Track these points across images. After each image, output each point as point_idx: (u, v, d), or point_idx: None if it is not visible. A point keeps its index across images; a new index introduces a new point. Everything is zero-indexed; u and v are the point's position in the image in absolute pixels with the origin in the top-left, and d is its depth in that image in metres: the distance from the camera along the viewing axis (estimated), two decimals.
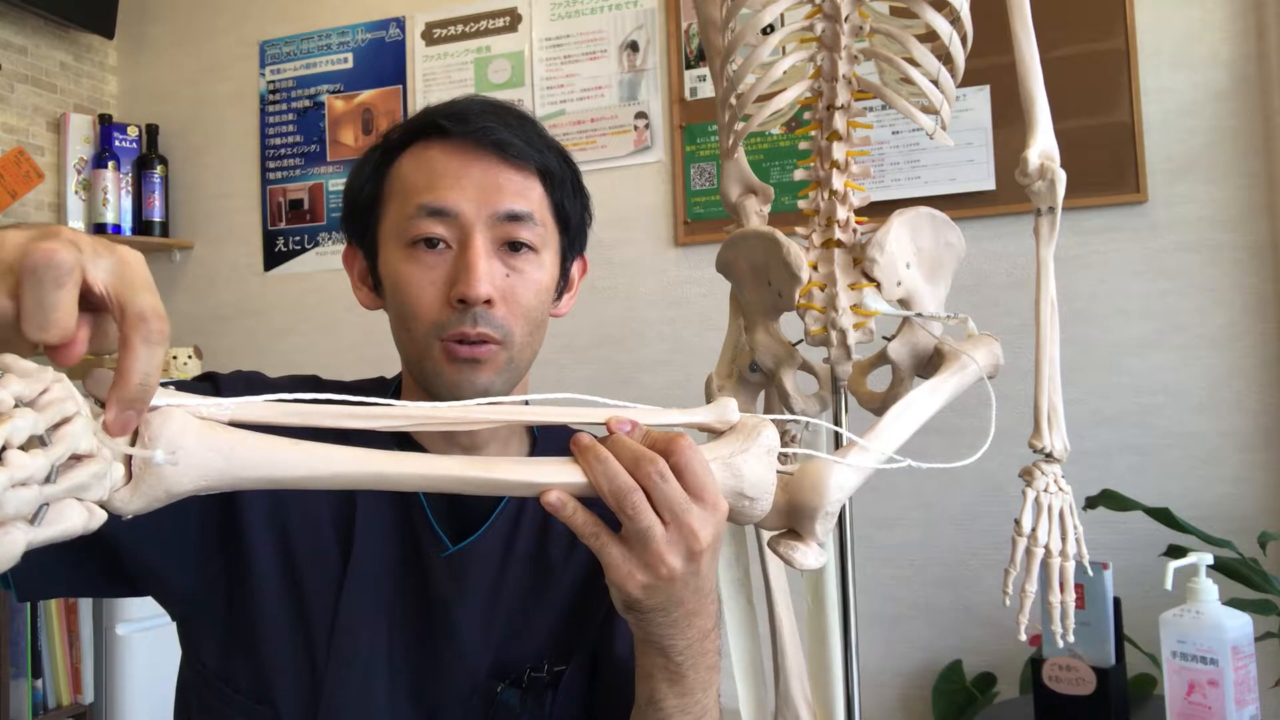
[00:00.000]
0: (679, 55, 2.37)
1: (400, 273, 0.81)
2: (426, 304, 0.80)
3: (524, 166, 0.82)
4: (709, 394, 1.00)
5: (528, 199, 0.82)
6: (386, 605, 0.81)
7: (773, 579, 0.97)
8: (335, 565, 0.80)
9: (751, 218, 1.08)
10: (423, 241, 0.80)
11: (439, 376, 0.81)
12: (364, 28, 2.67)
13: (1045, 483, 0.90)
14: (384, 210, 0.84)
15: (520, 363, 0.83)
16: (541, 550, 0.87)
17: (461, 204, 0.80)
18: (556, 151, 0.87)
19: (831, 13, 0.90)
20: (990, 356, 0.91)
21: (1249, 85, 1.97)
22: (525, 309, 0.82)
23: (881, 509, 2.09)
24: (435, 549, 0.83)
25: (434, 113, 0.83)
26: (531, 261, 0.83)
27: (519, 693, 0.84)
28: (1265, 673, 1.46)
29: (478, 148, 0.81)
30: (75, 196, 2.70)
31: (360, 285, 0.89)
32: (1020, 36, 0.95)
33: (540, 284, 0.84)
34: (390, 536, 0.82)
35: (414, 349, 0.82)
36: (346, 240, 0.90)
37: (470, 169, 0.81)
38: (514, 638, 0.85)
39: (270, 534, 0.79)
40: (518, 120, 0.84)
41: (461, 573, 0.83)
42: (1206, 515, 1.88)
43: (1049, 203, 0.93)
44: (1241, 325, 1.96)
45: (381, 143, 0.87)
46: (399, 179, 0.83)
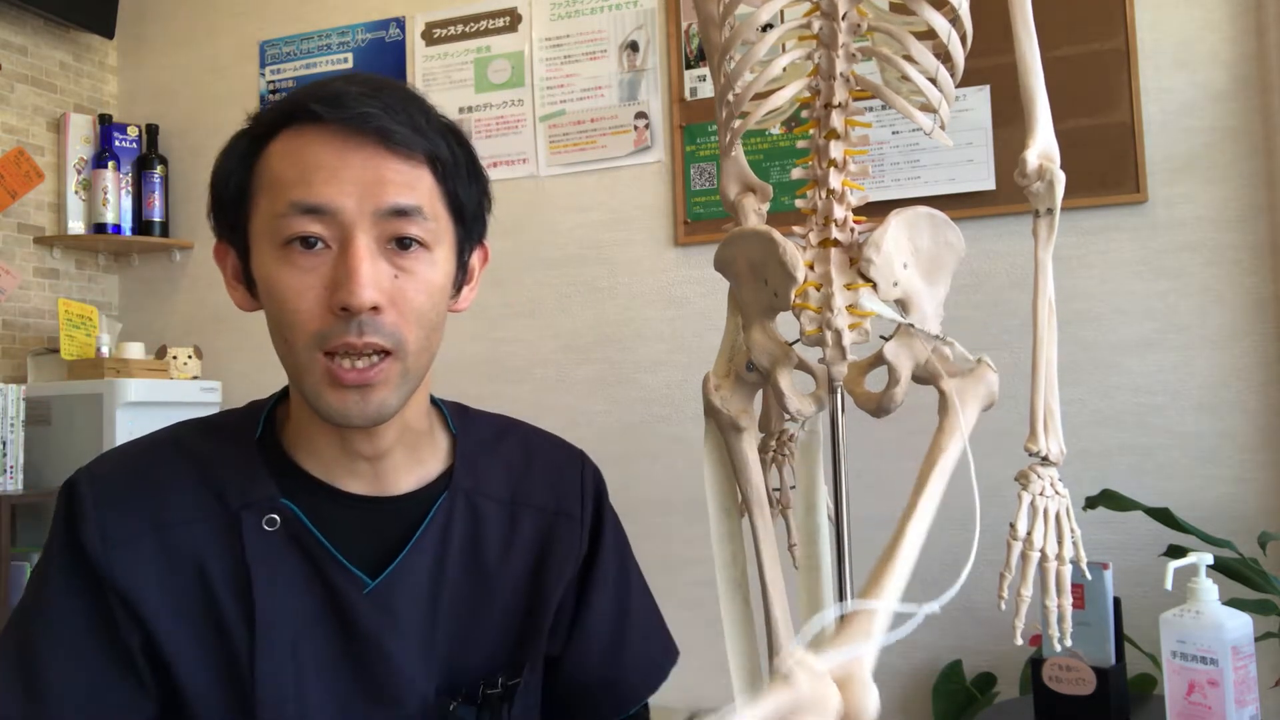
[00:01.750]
0: (679, 55, 2.37)
1: (274, 277, 0.73)
2: (305, 312, 0.71)
3: (411, 155, 0.73)
4: (706, 393, 1.00)
5: (416, 191, 0.73)
6: (311, 659, 0.76)
7: (769, 579, 0.97)
8: (243, 635, 0.74)
9: (750, 216, 1.08)
10: (298, 241, 0.71)
11: (321, 400, 0.73)
12: (364, 28, 2.67)
13: (1041, 486, 0.89)
14: (253, 205, 0.75)
15: (416, 371, 0.76)
16: (476, 560, 0.83)
17: (340, 200, 0.71)
18: (448, 133, 0.77)
19: (829, 10, 0.89)
20: (986, 394, 0.89)
21: (1249, 85, 1.97)
22: (418, 312, 0.74)
23: (881, 509, 2.08)
24: (354, 588, 0.77)
25: (306, 95, 0.74)
26: (422, 259, 0.74)
27: (474, 709, 0.81)
28: (1265, 673, 1.45)
29: (357, 135, 0.72)
30: (75, 196, 2.71)
31: (235, 285, 0.80)
32: (1021, 36, 0.95)
33: (433, 283, 0.75)
34: (297, 592, 0.76)
35: (294, 363, 0.74)
36: (215, 235, 0.81)
37: (349, 160, 0.72)
38: (460, 653, 0.81)
39: (178, 626, 0.74)
40: (402, 102, 0.74)
41: (389, 604, 0.78)
42: (1206, 515, 1.87)
43: (1047, 204, 0.93)
44: (1241, 325, 1.95)
45: (249, 128, 0.77)
46: (268, 171, 0.74)
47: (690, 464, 2.33)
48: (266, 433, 0.82)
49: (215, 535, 0.76)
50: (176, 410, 2.51)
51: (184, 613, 0.74)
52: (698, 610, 2.27)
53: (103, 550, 0.74)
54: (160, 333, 2.82)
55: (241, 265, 0.79)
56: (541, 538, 0.87)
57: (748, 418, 0.99)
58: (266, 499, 0.77)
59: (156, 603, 0.74)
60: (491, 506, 0.85)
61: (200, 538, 0.76)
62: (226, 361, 2.73)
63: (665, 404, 2.34)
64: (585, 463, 0.94)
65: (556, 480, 0.90)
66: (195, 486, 0.77)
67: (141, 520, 0.75)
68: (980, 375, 0.89)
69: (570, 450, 0.94)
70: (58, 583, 0.75)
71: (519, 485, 0.87)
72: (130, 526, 0.75)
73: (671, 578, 2.30)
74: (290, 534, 0.77)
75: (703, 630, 2.26)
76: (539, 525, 0.87)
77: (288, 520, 0.77)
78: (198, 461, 0.78)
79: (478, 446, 0.87)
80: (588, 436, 2.37)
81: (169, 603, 0.74)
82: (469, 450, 0.86)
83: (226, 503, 0.77)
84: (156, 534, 0.75)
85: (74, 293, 2.75)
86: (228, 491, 0.77)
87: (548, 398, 2.43)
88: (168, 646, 0.74)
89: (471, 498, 0.84)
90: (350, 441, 0.78)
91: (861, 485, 2.18)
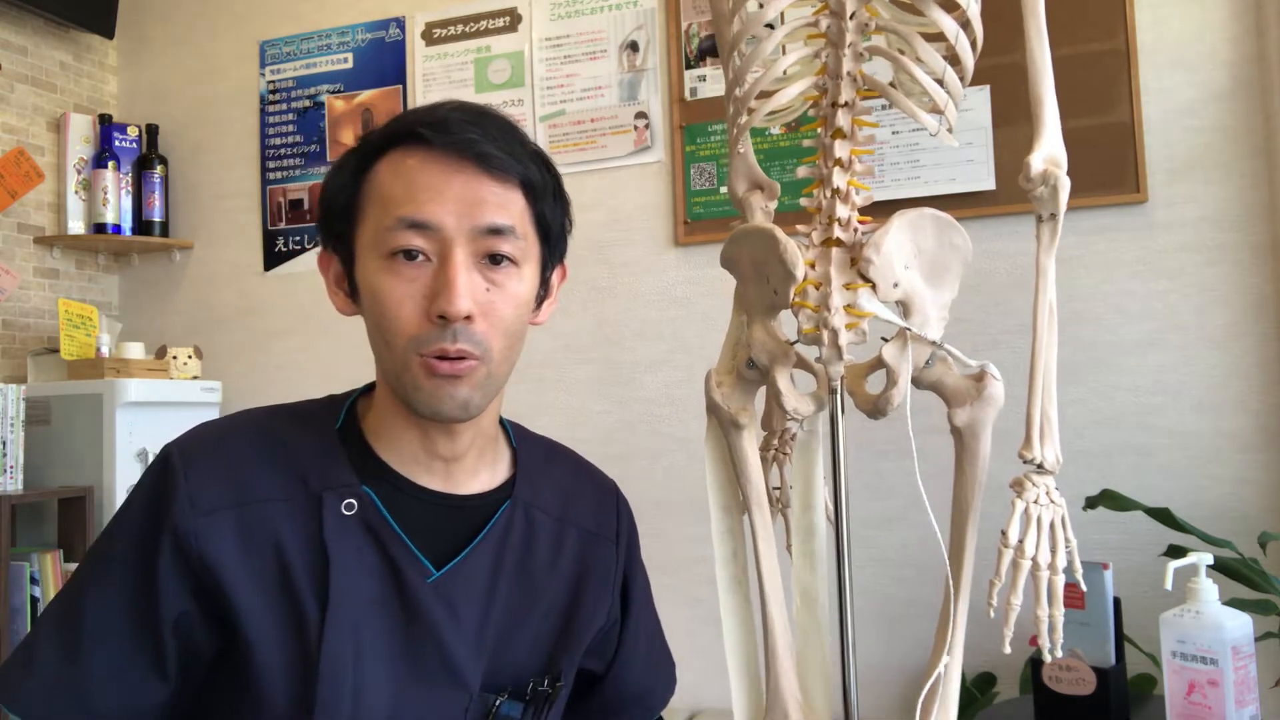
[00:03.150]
0: (679, 55, 2.37)
1: (378, 285, 0.79)
2: (405, 318, 0.78)
3: (506, 179, 0.81)
4: (708, 389, 1.00)
5: (509, 212, 0.81)
6: (372, 639, 0.80)
7: (766, 578, 0.97)
8: (314, 610, 0.79)
9: (756, 214, 1.08)
10: (401, 254, 0.78)
11: (418, 391, 0.79)
12: (364, 28, 2.67)
13: (1036, 494, 0.88)
14: (361, 218, 0.82)
15: (498, 377, 0.83)
16: (526, 564, 0.88)
17: (442, 217, 0.78)
18: (539, 160, 0.85)
19: (837, 9, 0.89)
20: (995, 411, 0.89)
21: (1249, 85, 1.97)
22: (505, 324, 0.81)
23: (881, 509, 2.09)
24: (419, 575, 0.82)
25: (414, 120, 0.81)
26: (512, 275, 0.82)
27: (522, 705, 0.85)
28: (1265, 673, 1.45)
29: (459, 159, 0.79)
30: (75, 196, 2.71)
31: (336, 290, 0.87)
32: (1033, 40, 0.94)
33: (520, 298, 0.83)
34: (367, 573, 0.81)
35: (392, 362, 0.80)
36: (321, 244, 0.88)
37: (451, 181, 0.79)
38: (503, 652, 0.85)
39: (253, 597, 0.78)
40: (500, 130, 0.82)
41: (448, 595, 0.83)
42: (1206, 515, 1.88)
43: (1050, 209, 0.92)
44: (1241, 325, 1.96)
45: (359, 147, 0.84)
46: (377, 188, 0.81)
47: (690, 464, 2.33)
48: (348, 423, 0.87)
49: (295, 514, 0.81)
50: (176, 410, 2.52)
51: (260, 585, 0.78)
52: (698, 609, 2.27)
53: (192, 516, 0.78)
54: (160, 333, 2.82)
55: (344, 273, 0.85)
56: (583, 557, 0.93)
57: (747, 415, 0.99)
58: (346, 484, 0.82)
59: (236, 573, 0.78)
60: (545, 520, 0.91)
61: (280, 516, 0.80)
62: (226, 361, 2.74)
63: (665, 404, 2.34)
64: (620, 497, 1.03)
65: (598, 507, 0.98)
66: (278, 467, 0.82)
67: (227, 494, 0.80)
68: (987, 397, 0.88)
69: (608, 482, 1.03)
70: (134, 558, 0.79)
71: (568, 505, 0.94)
72: (217, 499, 0.79)
73: (672, 578, 2.30)
74: (365, 519, 0.82)
75: (703, 630, 2.26)
76: (582, 545, 0.94)
77: (364, 505, 0.82)
78: (282, 444, 0.83)
79: (535, 463, 0.94)
80: (588, 436, 2.39)
81: (247, 575, 0.78)
82: (528, 465, 0.93)
83: (308, 485, 0.82)
84: (240, 509, 0.79)
85: (74, 293, 2.75)
86: (309, 474, 0.82)
87: (548, 398, 2.43)
88: (242, 615, 0.77)
89: (529, 510, 0.90)
90: (431, 441, 0.84)
91: (860, 484, 2.18)
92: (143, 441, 2.41)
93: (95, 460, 2.36)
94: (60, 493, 2.35)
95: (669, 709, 1.02)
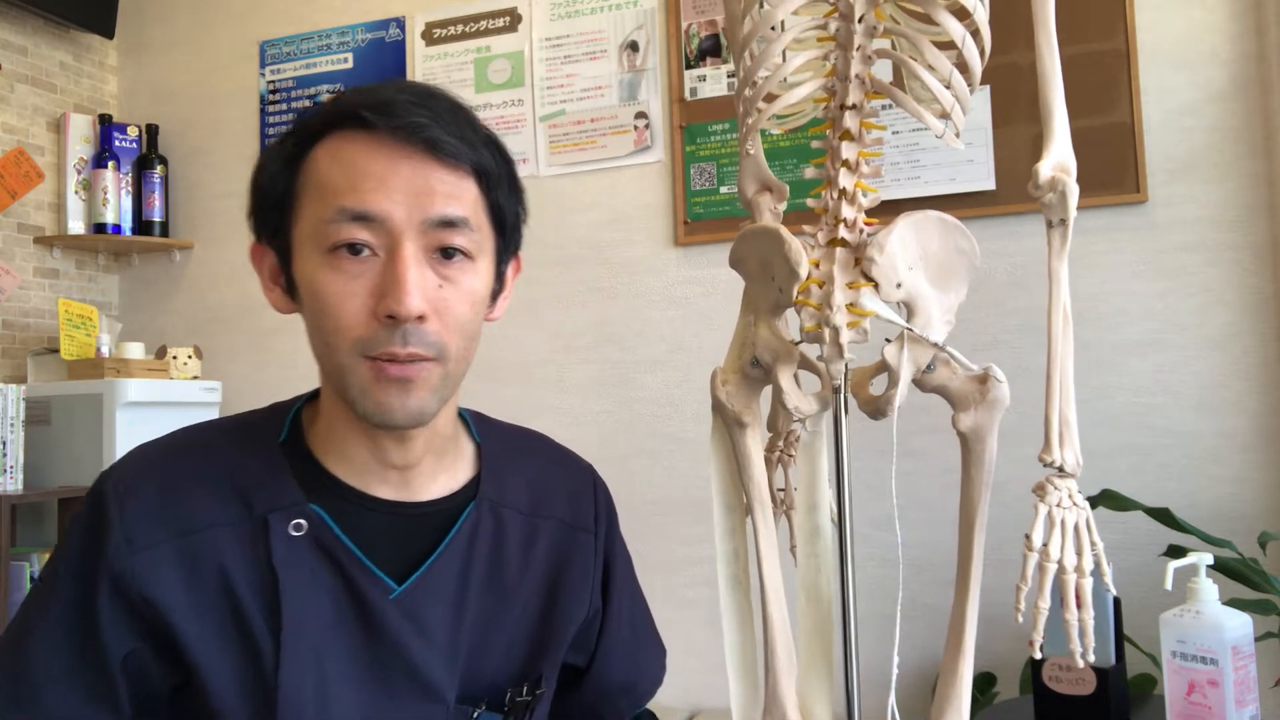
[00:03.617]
0: (679, 55, 2.37)
1: (319, 281, 0.73)
2: (349, 317, 0.72)
3: (458, 166, 0.74)
4: (713, 388, 1.00)
5: (462, 202, 0.74)
6: (336, 665, 0.76)
7: (768, 578, 0.97)
8: (268, 639, 0.74)
9: (765, 214, 1.08)
10: (344, 248, 0.72)
11: (365, 396, 0.73)
12: (364, 28, 2.67)
13: (1059, 497, 0.88)
14: (298, 208, 0.75)
15: (455, 377, 0.77)
16: (497, 568, 0.84)
17: (389, 208, 0.71)
18: (492, 146, 0.78)
19: (846, 12, 0.90)
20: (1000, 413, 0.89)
21: (1249, 85, 1.97)
22: (460, 322, 0.75)
23: (881, 509, 2.09)
24: (380, 592, 0.77)
25: (356, 101, 0.73)
26: (466, 270, 0.75)
27: (500, 716, 0.82)
28: (1265, 673, 1.46)
29: (407, 144, 0.72)
30: (75, 196, 2.71)
31: (272, 287, 0.80)
32: (1044, 51, 0.95)
33: (475, 294, 0.76)
34: (323, 596, 0.76)
35: (335, 366, 0.74)
36: (255, 236, 0.80)
37: (398, 169, 0.72)
38: (479, 661, 0.81)
39: (202, 630, 0.74)
40: (450, 113, 0.75)
41: (414, 610, 0.78)
42: (1206, 515, 1.88)
43: (1060, 215, 0.92)
44: (1241, 325, 1.96)
45: (294, 131, 0.77)
46: (315, 175, 0.74)
47: (690, 464, 2.33)
48: (292, 435, 0.82)
49: (240, 540, 0.76)
50: (176, 410, 2.52)
51: (209, 619, 0.74)
52: (698, 610, 2.27)
53: (128, 555, 0.73)
54: (160, 333, 2.82)
55: (281, 267, 0.78)
56: (559, 550, 0.88)
57: (751, 414, 0.99)
58: (293, 504, 0.77)
59: (182, 608, 0.74)
60: (514, 517, 0.86)
61: (224, 542, 0.75)
62: (226, 361, 2.74)
63: (665, 404, 2.34)
64: (596, 479, 0.96)
65: (573, 495, 0.92)
66: (219, 491, 0.77)
67: (166, 526, 0.75)
68: (992, 400, 0.88)
69: (583, 465, 0.97)
70: (74, 598, 0.75)
71: (538, 497, 0.89)
72: (155, 533, 0.74)
73: (672, 578, 2.30)
74: (316, 538, 0.77)
75: (703, 630, 2.27)
76: (557, 537, 0.89)
77: (314, 525, 0.77)
78: (222, 465, 0.78)
79: (501, 456, 0.88)
80: (588, 436, 2.39)
81: (194, 608, 0.74)
82: (493, 460, 0.87)
83: (252, 507, 0.77)
84: (181, 539, 0.75)
85: (74, 293, 2.75)
86: (253, 496, 0.77)
87: (548, 398, 2.43)
88: (192, 652, 0.73)
89: (496, 508, 0.85)
90: (382, 449, 0.79)
91: (860, 484, 2.18)
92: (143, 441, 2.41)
93: (95, 460, 2.36)
94: (60, 493, 2.35)
95: (668, 709, 1.01)
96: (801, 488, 1.06)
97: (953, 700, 0.85)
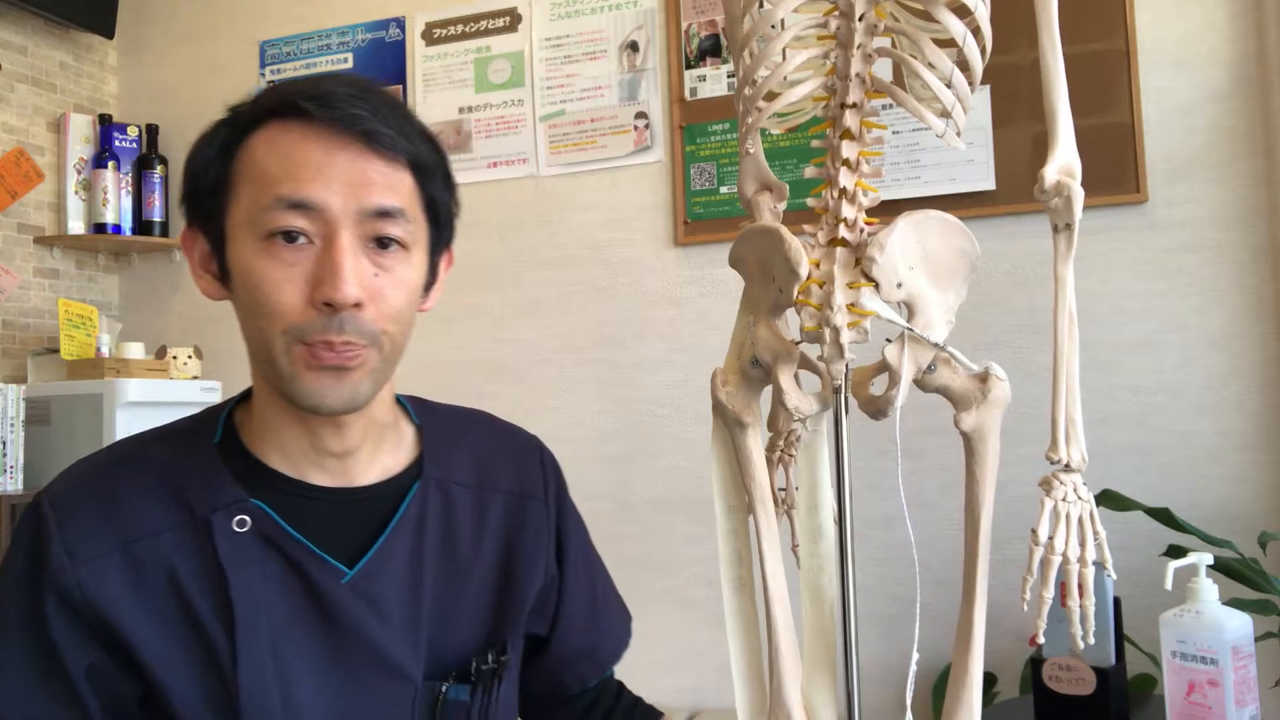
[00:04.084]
0: (679, 55, 2.37)
1: (254, 268, 0.73)
2: (285, 304, 0.72)
3: (394, 158, 0.75)
4: (714, 388, 1.00)
5: (398, 193, 0.75)
6: (295, 657, 0.76)
7: (770, 579, 0.97)
8: (223, 639, 0.74)
9: (765, 214, 1.08)
10: (281, 235, 0.72)
11: (296, 381, 0.74)
12: (364, 28, 2.67)
13: (1064, 492, 0.90)
14: (234, 196, 0.76)
15: (389, 364, 0.78)
16: (450, 542, 0.85)
17: (326, 197, 0.72)
18: (427, 139, 0.80)
19: (847, 10, 0.90)
20: (1002, 412, 0.90)
21: (1249, 85, 1.97)
22: (395, 310, 0.76)
23: (882, 509, 2.09)
24: (332, 578, 0.78)
25: (294, 92, 0.74)
26: (401, 259, 0.76)
27: (469, 687, 0.82)
28: (1265, 673, 1.45)
29: (344, 135, 0.73)
30: (75, 196, 2.71)
31: (202, 273, 0.81)
32: (1048, 54, 0.95)
33: (410, 283, 0.78)
34: (274, 589, 0.76)
35: (268, 351, 0.75)
36: (186, 222, 0.80)
37: (335, 159, 0.73)
38: (442, 636, 0.82)
39: (156, 637, 0.74)
40: (388, 106, 0.76)
41: (369, 592, 0.79)
42: (1206, 515, 1.88)
43: (1066, 219, 0.93)
44: (1241, 325, 1.96)
45: (230, 119, 0.78)
46: (252, 163, 0.75)
47: (690, 464, 2.33)
48: (227, 435, 0.83)
49: (185, 543, 0.76)
50: (177, 410, 2.50)
51: (162, 624, 0.74)
52: (698, 610, 2.27)
53: (72, 569, 0.73)
54: (160, 333, 2.82)
55: (212, 254, 0.79)
56: (510, 520, 0.90)
57: (752, 414, 0.99)
58: (234, 501, 0.78)
59: (132, 616, 0.74)
60: (462, 492, 0.88)
61: (169, 547, 0.76)
62: (226, 361, 2.73)
63: (665, 404, 2.34)
64: (543, 449, 0.98)
65: (519, 466, 0.94)
66: (158, 497, 0.77)
67: (108, 537, 0.75)
68: (993, 399, 0.89)
69: (528, 437, 0.99)
70: (24, 621, 0.74)
71: (485, 471, 0.91)
72: (98, 544, 0.74)
73: (672, 578, 2.30)
74: (261, 532, 0.77)
75: (703, 630, 2.27)
76: (507, 508, 0.90)
77: (258, 519, 0.77)
78: (158, 471, 0.79)
79: (443, 436, 0.90)
80: (588, 436, 2.39)
81: (145, 615, 0.74)
82: (435, 440, 0.89)
83: (193, 509, 0.77)
84: (124, 549, 0.75)
85: (74, 293, 2.75)
86: (193, 498, 0.77)
87: (548, 398, 2.43)
88: (148, 659, 0.73)
89: (443, 485, 0.86)
90: (319, 437, 0.80)
91: (861, 484, 2.18)
92: None
93: None
94: None
95: (668, 709, 1.01)
96: (803, 488, 1.06)
97: (964, 699, 0.86)
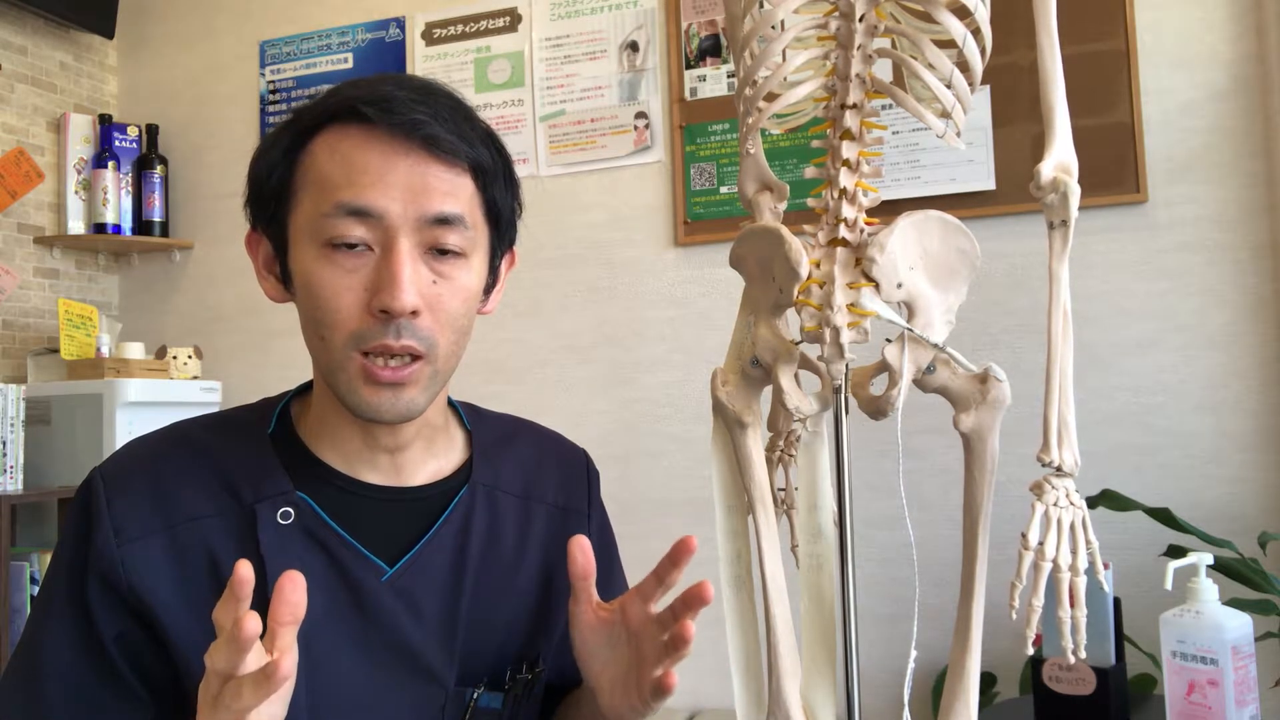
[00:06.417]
0: (679, 55, 2.37)
1: (314, 275, 0.73)
2: (344, 312, 0.73)
3: (455, 163, 0.74)
4: (714, 388, 1.00)
5: (458, 199, 0.75)
6: (329, 651, 0.75)
7: (770, 579, 0.97)
8: None
9: (765, 214, 1.08)
10: (341, 242, 0.73)
11: (355, 396, 0.74)
12: (364, 28, 2.67)
13: (1055, 497, 0.88)
14: (295, 201, 0.75)
15: (444, 373, 0.78)
16: (493, 549, 0.84)
17: (386, 204, 0.72)
18: (489, 141, 0.79)
19: (847, 11, 0.90)
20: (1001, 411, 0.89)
21: (1249, 85, 1.97)
22: (452, 318, 0.75)
23: (881, 509, 2.09)
24: (371, 575, 0.78)
25: (354, 96, 0.74)
26: (460, 266, 0.76)
27: (501, 695, 0.82)
28: (1265, 673, 1.46)
29: (405, 140, 0.73)
30: (75, 196, 2.71)
31: (266, 275, 0.80)
32: (1045, 52, 0.95)
33: (469, 290, 0.77)
34: (313, 583, 0.73)
35: (328, 359, 0.75)
36: (250, 224, 0.81)
37: (395, 165, 0.72)
38: (477, 643, 0.81)
39: (191, 622, 0.74)
40: (449, 109, 0.75)
41: (408, 592, 0.78)
42: (1206, 515, 1.88)
43: (1061, 216, 0.93)
44: (1241, 325, 1.96)
45: (292, 122, 0.78)
46: (313, 168, 0.75)
47: (690, 464, 2.33)
48: (282, 427, 0.83)
49: (229, 530, 0.76)
50: (177, 410, 2.51)
51: (197, 609, 0.73)
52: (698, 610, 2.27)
53: (116, 547, 0.74)
54: (160, 333, 2.82)
55: (276, 257, 0.79)
56: (553, 532, 0.89)
57: (752, 414, 0.99)
58: (280, 493, 0.78)
59: (168, 599, 0.74)
60: (508, 501, 0.87)
61: (213, 533, 0.76)
62: (226, 361, 2.74)
63: (666, 404, 2.34)
64: (589, 462, 0.98)
65: (565, 478, 0.94)
66: (207, 482, 0.78)
67: (155, 517, 0.75)
68: (993, 399, 0.88)
69: (574, 448, 0.98)
70: (67, 588, 0.75)
71: (532, 481, 0.90)
72: (144, 524, 0.75)
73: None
74: (305, 526, 0.77)
75: (703, 630, 2.26)
76: (551, 520, 0.90)
77: (302, 512, 0.77)
78: (210, 457, 0.79)
79: (493, 443, 0.90)
80: (588, 436, 2.37)
81: (182, 599, 0.74)
82: (485, 446, 0.89)
83: (240, 497, 0.77)
84: (170, 531, 0.75)
85: (74, 293, 2.75)
86: (241, 486, 0.78)
87: (548, 398, 2.43)
88: (180, 642, 0.74)
89: (491, 492, 0.86)
90: (373, 434, 0.80)
91: (861, 484, 2.18)
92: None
93: (95, 460, 2.33)
94: (60, 493, 2.35)
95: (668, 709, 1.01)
96: (803, 488, 1.06)
97: (960, 698, 0.85)
